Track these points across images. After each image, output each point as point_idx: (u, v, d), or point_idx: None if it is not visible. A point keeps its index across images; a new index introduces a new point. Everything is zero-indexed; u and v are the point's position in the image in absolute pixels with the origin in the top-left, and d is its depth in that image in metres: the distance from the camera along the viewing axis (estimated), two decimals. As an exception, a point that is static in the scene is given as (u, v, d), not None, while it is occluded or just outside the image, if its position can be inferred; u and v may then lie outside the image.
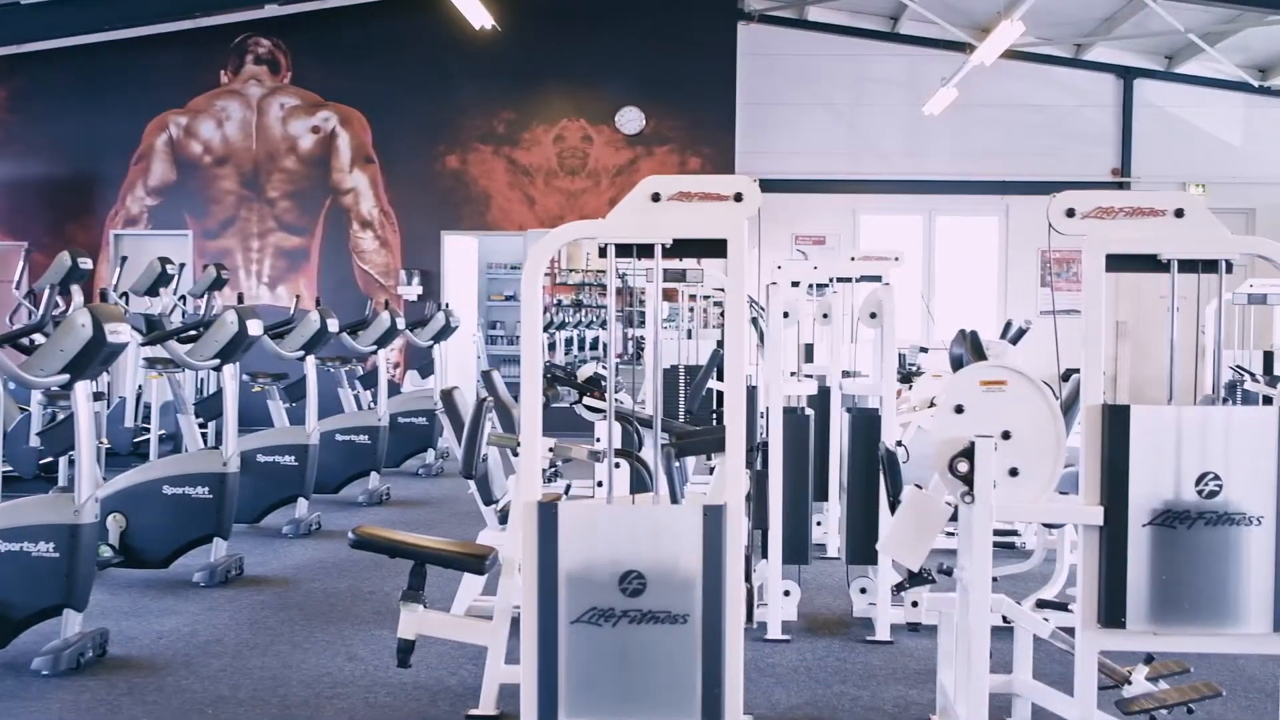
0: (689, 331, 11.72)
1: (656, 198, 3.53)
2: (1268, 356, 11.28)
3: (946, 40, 14.66)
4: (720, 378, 9.59)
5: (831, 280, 9.19)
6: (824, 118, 15.92)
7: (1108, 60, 15.72)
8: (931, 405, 7.45)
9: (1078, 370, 7.65)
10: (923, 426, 7.12)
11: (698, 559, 3.46)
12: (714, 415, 9.69)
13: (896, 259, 8.97)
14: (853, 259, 9.19)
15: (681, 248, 3.62)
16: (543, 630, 3.48)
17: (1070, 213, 3.59)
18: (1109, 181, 15.44)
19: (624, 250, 3.58)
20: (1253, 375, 10.73)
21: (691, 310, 12.46)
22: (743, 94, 14.89)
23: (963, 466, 3.62)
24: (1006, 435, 3.66)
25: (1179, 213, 3.57)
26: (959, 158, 15.81)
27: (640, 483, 5.25)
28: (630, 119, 14.66)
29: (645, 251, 3.58)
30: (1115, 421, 3.54)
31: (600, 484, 5.80)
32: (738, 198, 3.52)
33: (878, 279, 9.02)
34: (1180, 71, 15.65)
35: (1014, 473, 3.66)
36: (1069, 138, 15.84)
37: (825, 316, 7.77)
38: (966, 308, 15.44)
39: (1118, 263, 3.62)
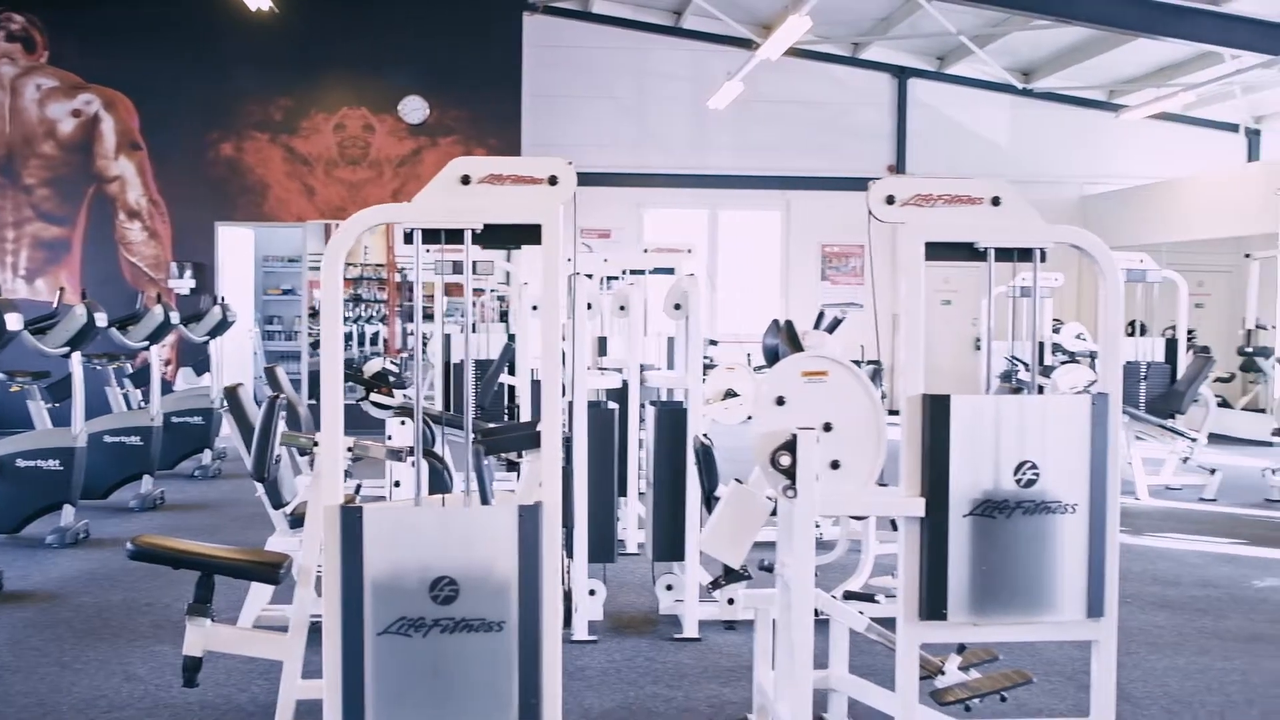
0: (474, 326, 11.50)
1: (466, 180, 3.32)
2: (1040, 347, 11.73)
3: (730, 36, 14.80)
4: (511, 372, 9.42)
5: (624, 272, 9.12)
6: (609, 111, 15.90)
7: (883, 60, 16.17)
8: (725, 398, 7.43)
9: (867, 361, 7.72)
10: (717, 420, 7.08)
11: (513, 562, 3.27)
12: (506, 411, 9.52)
13: (690, 251, 8.91)
14: (646, 251, 9.11)
15: (493, 235, 3.41)
16: (347, 643, 3.25)
17: (890, 199, 3.54)
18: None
19: (430, 237, 3.36)
20: (1025, 365, 11.16)
21: (475, 304, 12.24)
22: (528, 85, 14.73)
23: (785, 460, 3.53)
24: (828, 427, 3.59)
25: (995, 200, 3.55)
26: (742, 153, 16.01)
27: (437, 482, 5.03)
28: (414, 108, 14.32)
29: (453, 238, 3.37)
30: (936, 411, 3.50)
31: (398, 484, 5.54)
32: (552, 181, 3.34)
33: (670, 271, 9.00)
34: (951, 72, 16.21)
35: (836, 465, 3.60)
36: (847, 135, 16.21)
37: (622, 309, 7.66)
38: (750, 301, 15.68)
39: (935, 251, 3.59)
